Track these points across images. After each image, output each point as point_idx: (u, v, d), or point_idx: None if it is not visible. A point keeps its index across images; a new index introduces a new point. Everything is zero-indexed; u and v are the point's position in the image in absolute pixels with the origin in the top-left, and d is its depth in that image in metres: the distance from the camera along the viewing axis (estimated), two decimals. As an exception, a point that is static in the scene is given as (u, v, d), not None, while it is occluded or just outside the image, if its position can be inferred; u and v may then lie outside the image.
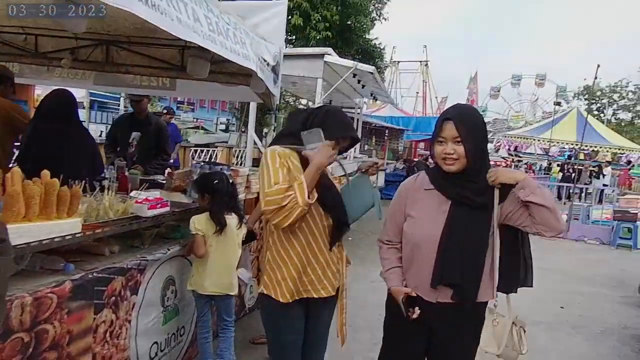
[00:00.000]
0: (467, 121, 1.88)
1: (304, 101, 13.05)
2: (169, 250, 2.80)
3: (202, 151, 11.65)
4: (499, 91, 46.77)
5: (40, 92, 8.26)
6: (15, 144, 3.58)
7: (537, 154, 27.40)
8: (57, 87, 3.39)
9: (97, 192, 2.47)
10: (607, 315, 5.17)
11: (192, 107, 31.75)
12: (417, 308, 1.91)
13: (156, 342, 2.77)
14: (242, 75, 3.82)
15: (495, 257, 1.90)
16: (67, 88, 3.41)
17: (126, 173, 3.69)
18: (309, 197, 1.84)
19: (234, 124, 29.38)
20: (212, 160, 11.12)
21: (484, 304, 1.97)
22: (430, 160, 14.73)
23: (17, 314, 1.76)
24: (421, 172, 2.12)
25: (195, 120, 30.12)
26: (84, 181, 2.27)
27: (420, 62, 38.58)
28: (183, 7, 2.25)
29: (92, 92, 10.68)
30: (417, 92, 38.59)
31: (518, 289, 2.04)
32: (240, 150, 12.61)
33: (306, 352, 2.20)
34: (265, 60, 3.50)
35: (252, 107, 6.08)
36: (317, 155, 1.92)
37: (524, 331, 2.00)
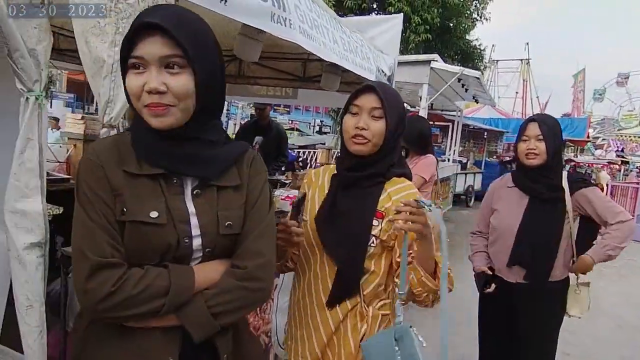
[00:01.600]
0: (548, 122, 2.27)
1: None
2: (301, 241, 3.21)
3: (302, 152, 12.26)
4: (603, 94, 43.01)
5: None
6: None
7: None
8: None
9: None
10: None
11: (288, 110, 33.11)
12: (493, 285, 2.28)
13: (289, 321, 3.20)
14: (358, 84, 4.15)
15: (571, 243, 2.27)
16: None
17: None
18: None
19: (327, 126, 30.31)
20: (313, 160, 11.69)
21: (561, 283, 2.30)
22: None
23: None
24: (507, 174, 2.51)
25: (290, 122, 31.40)
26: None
27: (522, 60, 36.83)
28: (326, 32, 2.64)
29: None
30: (517, 92, 36.89)
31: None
32: (337, 152, 13.10)
33: None
34: (383, 71, 3.82)
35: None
36: None
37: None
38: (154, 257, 1.04)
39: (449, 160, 10.25)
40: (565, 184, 2.25)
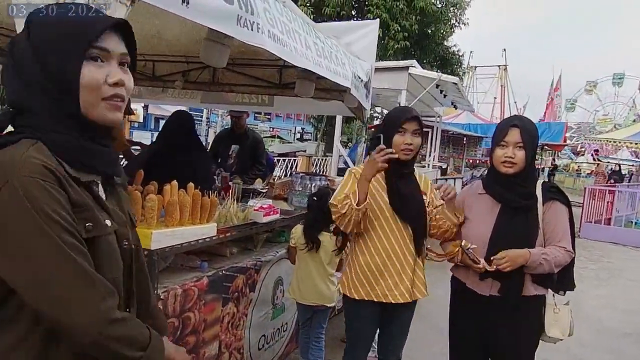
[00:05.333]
0: (530, 130, 2.13)
1: (378, 109, 13.24)
2: (277, 253, 3.11)
3: (283, 160, 12.13)
4: (574, 103, 43.62)
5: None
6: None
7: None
8: (176, 110, 3.83)
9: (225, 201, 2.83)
10: None
11: (268, 117, 32.91)
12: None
13: (264, 335, 3.08)
14: (336, 91, 4.09)
15: None
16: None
17: (230, 183, 4.08)
18: (358, 205, 2.13)
19: (308, 133, 30.25)
20: (293, 168, 11.57)
21: (538, 298, 2.17)
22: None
23: (172, 302, 2.12)
24: (477, 180, 2.42)
25: (271, 129, 31.24)
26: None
27: (499, 66, 37.37)
28: (297, 37, 2.56)
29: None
30: (495, 98, 37.38)
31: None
32: (318, 159, 13.02)
33: (383, 349, 2.50)
34: (359, 78, 3.75)
35: (339, 119, 6.38)
36: (364, 168, 2.21)
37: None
38: (118, 270, 1.03)
39: (428, 166, 10.24)
40: (539, 192, 2.17)
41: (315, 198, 2.92)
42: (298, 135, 32.30)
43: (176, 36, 3.55)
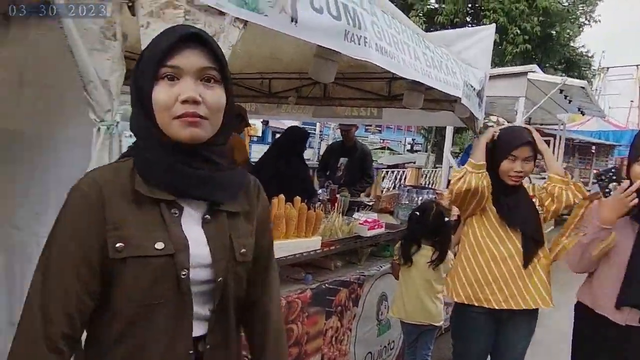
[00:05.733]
0: None
1: (493, 118, 12.61)
2: (381, 267, 3.04)
3: (392, 172, 12.00)
4: None
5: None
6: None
7: None
8: (292, 125, 3.98)
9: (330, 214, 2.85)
10: None
11: (379, 129, 32.87)
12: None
13: (370, 352, 3.03)
14: (446, 101, 3.94)
15: None
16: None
17: (337, 195, 4.11)
18: (476, 161, 2.14)
19: (419, 144, 29.70)
20: (402, 180, 11.39)
21: None
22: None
23: (276, 313, 2.16)
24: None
25: (382, 141, 31.15)
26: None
27: (637, 66, 33.44)
28: (406, 49, 2.50)
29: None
30: (632, 101, 33.48)
31: None
32: (428, 170, 12.68)
33: None
34: (471, 86, 3.57)
35: (449, 129, 6.15)
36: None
37: None
38: (162, 295, 0.96)
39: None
40: None
41: (417, 212, 2.82)
42: (408, 147, 31.82)
43: (290, 54, 3.68)
